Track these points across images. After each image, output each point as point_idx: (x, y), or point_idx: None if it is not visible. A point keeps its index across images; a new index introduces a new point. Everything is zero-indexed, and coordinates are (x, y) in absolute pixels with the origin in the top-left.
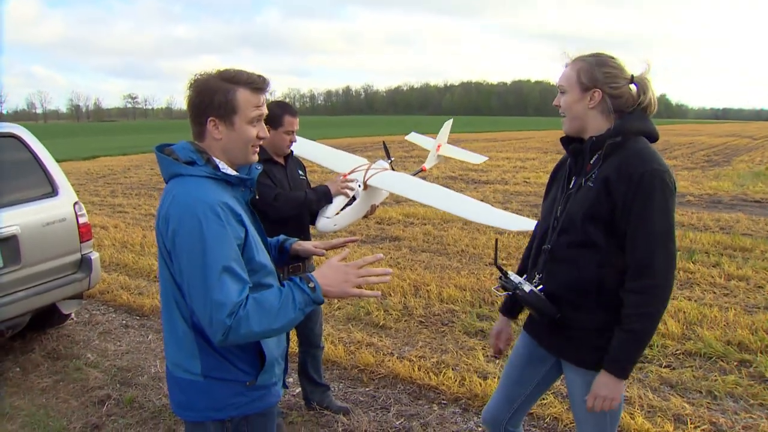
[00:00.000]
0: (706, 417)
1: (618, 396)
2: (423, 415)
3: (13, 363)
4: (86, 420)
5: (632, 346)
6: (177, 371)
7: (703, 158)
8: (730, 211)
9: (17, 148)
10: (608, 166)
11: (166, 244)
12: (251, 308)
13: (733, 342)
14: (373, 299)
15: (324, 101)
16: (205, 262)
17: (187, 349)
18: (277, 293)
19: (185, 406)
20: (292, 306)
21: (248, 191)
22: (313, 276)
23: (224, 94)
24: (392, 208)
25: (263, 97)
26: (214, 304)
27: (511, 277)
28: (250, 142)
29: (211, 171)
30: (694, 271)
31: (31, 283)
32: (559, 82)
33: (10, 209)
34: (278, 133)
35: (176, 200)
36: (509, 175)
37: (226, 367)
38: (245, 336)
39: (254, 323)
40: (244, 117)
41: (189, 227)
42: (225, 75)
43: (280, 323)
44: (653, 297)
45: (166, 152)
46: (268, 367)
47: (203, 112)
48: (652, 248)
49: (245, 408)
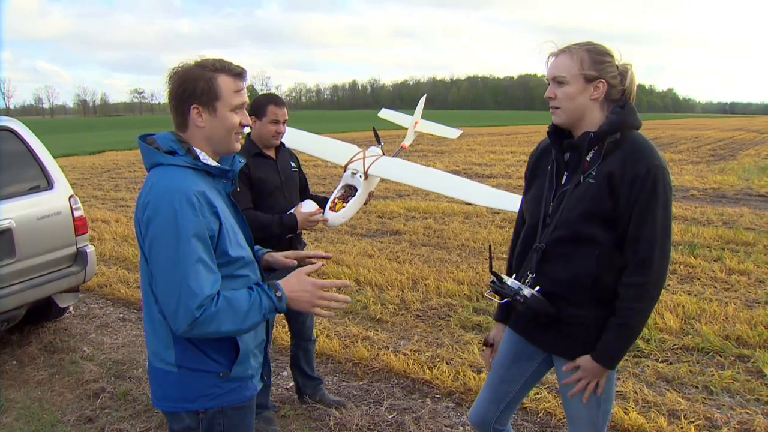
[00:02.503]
0: (701, 412)
1: (602, 381)
2: (416, 409)
3: (9, 356)
4: (80, 413)
5: (623, 340)
6: (154, 361)
7: (709, 152)
8: (734, 206)
9: (12, 141)
10: (610, 162)
11: (141, 231)
12: (222, 307)
13: (731, 337)
14: (371, 292)
15: (330, 95)
16: (178, 250)
17: (163, 338)
18: (247, 296)
19: (160, 396)
20: (258, 310)
21: (229, 183)
22: (281, 285)
23: (206, 81)
24: (394, 202)
25: (243, 84)
26: (187, 292)
27: (508, 283)
28: (233, 129)
29: (191, 161)
30: (695, 266)
31: (26, 277)
32: (555, 72)
33: (4, 202)
34: (263, 123)
35: (153, 188)
36: (513, 169)
37: (200, 358)
38: (211, 333)
39: (223, 322)
40: (226, 104)
41: (164, 214)
42: (204, 63)
43: (246, 325)
44: (648, 292)
45: (148, 141)
46: (242, 359)
47: (186, 100)
48: (651, 245)
49: (219, 400)
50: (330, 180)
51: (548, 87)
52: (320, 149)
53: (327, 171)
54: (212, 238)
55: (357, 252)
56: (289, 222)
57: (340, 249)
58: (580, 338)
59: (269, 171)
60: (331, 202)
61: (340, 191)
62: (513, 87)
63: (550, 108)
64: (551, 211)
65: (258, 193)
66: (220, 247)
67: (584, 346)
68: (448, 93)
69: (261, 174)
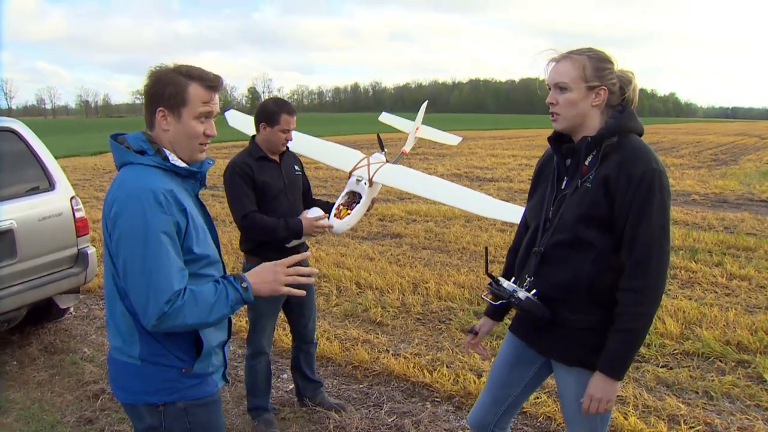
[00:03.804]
0: (701, 417)
1: (613, 397)
2: (415, 412)
3: (10, 357)
4: (80, 414)
5: (626, 347)
6: (116, 353)
7: (710, 157)
8: (735, 211)
9: (14, 142)
10: (607, 165)
11: (108, 227)
12: (188, 300)
13: (732, 342)
14: (372, 296)
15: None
16: (147, 246)
17: (127, 332)
18: (213, 289)
19: (121, 388)
20: (225, 302)
21: (198, 183)
22: (246, 276)
23: (176, 86)
24: (395, 205)
25: (215, 95)
26: (156, 287)
27: (504, 285)
28: (196, 138)
29: (160, 161)
30: (695, 271)
31: (27, 278)
32: (556, 78)
33: (6, 203)
34: (274, 131)
35: (122, 186)
36: (514, 173)
37: (163, 353)
38: (178, 326)
39: (189, 316)
40: (191, 111)
41: (132, 212)
42: (180, 69)
43: (213, 318)
44: (647, 296)
45: (119, 140)
46: (204, 356)
47: (154, 101)
48: (649, 248)
49: (180, 394)
50: (332, 183)
51: (549, 93)
52: (324, 154)
53: (329, 174)
54: (179, 234)
55: (358, 255)
56: (295, 227)
57: (341, 252)
58: (577, 342)
59: (273, 174)
60: (336, 209)
61: (344, 198)
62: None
63: (551, 114)
64: (551, 216)
65: (261, 197)
66: (186, 244)
67: (581, 349)
68: (449, 96)
69: (265, 177)
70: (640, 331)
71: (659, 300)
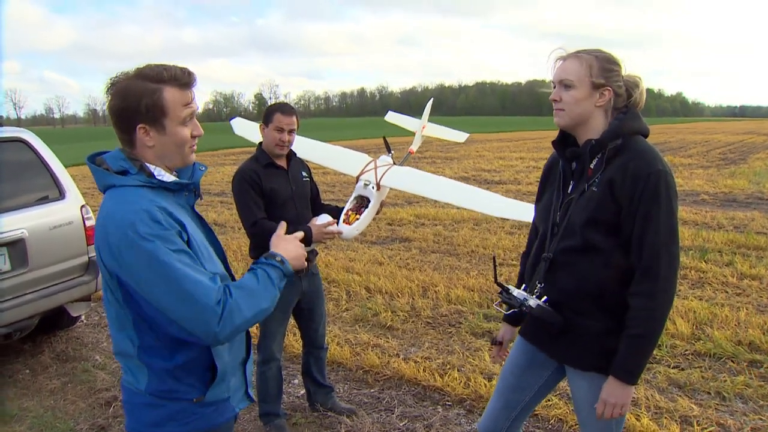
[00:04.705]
0: (713, 418)
1: (627, 402)
2: (427, 416)
3: (22, 365)
4: (93, 421)
5: (639, 351)
6: (125, 381)
7: (719, 156)
8: (745, 210)
9: (25, 152)
10: (612, 168)
11: (107, 265)
12: (237, 295)
13: (743, 342)
14: (381, 300)
15: (339, 103)
16: (165, 271)
17: (133, 365)
18: (252, 276)
19: (129, 416)
20: (270, 283)
21: (192, 195)
22: (275, 251)
23: (151, 96)
24: (403, 209)
25: (191, 92)
26: (198, 301)
27: (514, 294)
28: (186, 144)
29: (146, 179)
30: (706, 271)
31: (38, 286)
32: (562, 75)
33: (17, 213)
34: (269, 130)
35: (113, 217)
36: (522, 175)
37: (172, 385)
38: (240, 324)
39: (245, 309)
40: (175, 118)
41: (133, 243)
42: (147, 74)
43: (267, 303)
44: (658, 299)
45: (97, 162)
46: (219, 381)
47: (130, 119)
48: (657, 250)
49: (190, 426)
50: (339, 188)
51: (554, 89)
52: (331, 159)
53: (336, 179)
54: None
55: (367, 259)
56: (306, 233)
57: (350, 257)
58: (589, 347)
59: (281, 181)
60: (345, 214)
61: (352, 203)
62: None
63: (554, 110)
64: (558, 221)
65: (269, 204)
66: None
67: (593, 355)
68: (456, 99)
69: (272, 184)
70: (652, 334)
71: (671, 302)
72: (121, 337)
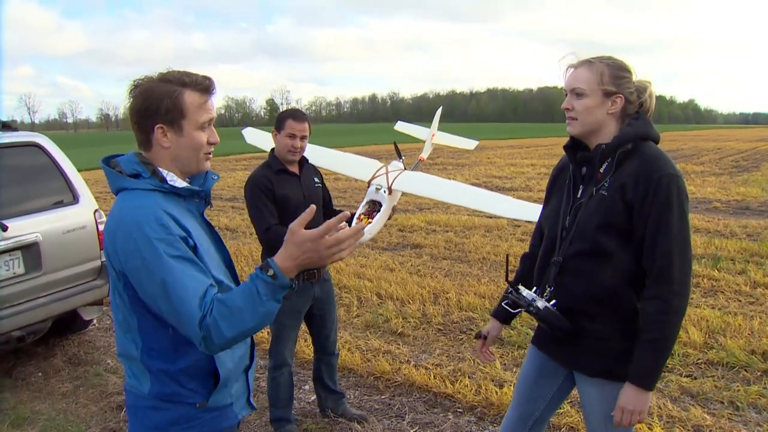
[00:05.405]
0: (727, 428)
1: (645, 408)
2: (438, 423)
3: (35, 368)
4: (104, 425)
5: (655, 356)
6: (128, 385)
7: (732, 164)
8: (758, 218)
9: (39, 156)
10: (622, 172)
11: (114, 266)
12: (218, 315)
13: (757, 351)
14: (392, 306)
15: (350, 109)
16: (162, 276)
17: (136, 368)
18: (242, 291)
19: (132, 420)
20: (258, 300)
21: (203, 202)
22: (274, 261)
23: (171, 98)
24: (414, 216)
25: (211, 99)
26: (186, 318)
27: (524, 294)
28: (201, 149)
29: (158, 183)
30: (718, 279)
31: (52, 290)
32: (573, 84)
33: (31, 217)
34: (281, 136)
35: (122, 218)
36: (533, 182)
37: (174, 389)
38: (223, 345)
39: (225, 329)
40: (193, 122)
41: (138, 246)
42: (169, 77)
43: (252, 322)
44: (673, 303)
45: (111, 164)
46: (221, 387)
47: (149, 119)
48: (669, 254)
49: (193, 431)
50: (351, 193)
51: (566, 98)
52: (342, 165)
53: (348, 184)
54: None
55: (378, 266)
56: None
57: (362, 263)
58: (599, 352)
59: (293, 187)
60: (357, 218)
61: (364, 207)
62: (532, 99)
63: (567, 119)
64: (568, 225)
65: (281, 210)
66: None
67: (603, 360)
68: (467, 105)
69: (284, 191)
70: (667, 339)
71: (685, 307)
72: (125, 340)
